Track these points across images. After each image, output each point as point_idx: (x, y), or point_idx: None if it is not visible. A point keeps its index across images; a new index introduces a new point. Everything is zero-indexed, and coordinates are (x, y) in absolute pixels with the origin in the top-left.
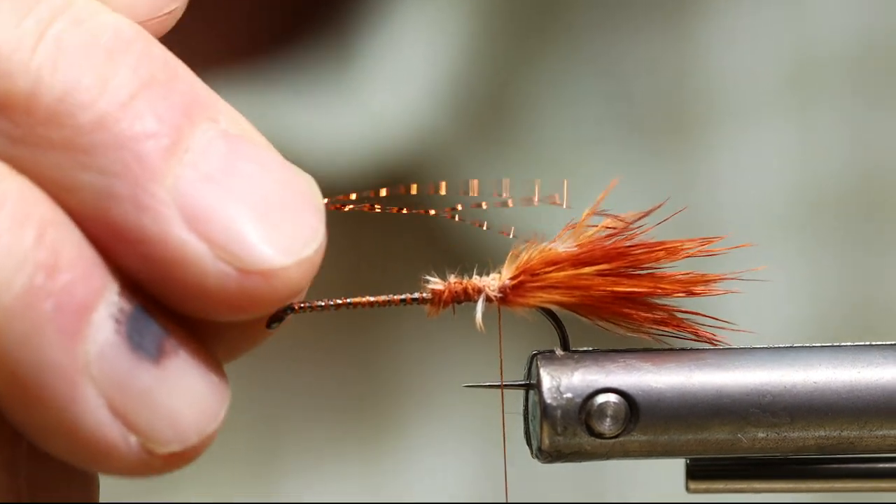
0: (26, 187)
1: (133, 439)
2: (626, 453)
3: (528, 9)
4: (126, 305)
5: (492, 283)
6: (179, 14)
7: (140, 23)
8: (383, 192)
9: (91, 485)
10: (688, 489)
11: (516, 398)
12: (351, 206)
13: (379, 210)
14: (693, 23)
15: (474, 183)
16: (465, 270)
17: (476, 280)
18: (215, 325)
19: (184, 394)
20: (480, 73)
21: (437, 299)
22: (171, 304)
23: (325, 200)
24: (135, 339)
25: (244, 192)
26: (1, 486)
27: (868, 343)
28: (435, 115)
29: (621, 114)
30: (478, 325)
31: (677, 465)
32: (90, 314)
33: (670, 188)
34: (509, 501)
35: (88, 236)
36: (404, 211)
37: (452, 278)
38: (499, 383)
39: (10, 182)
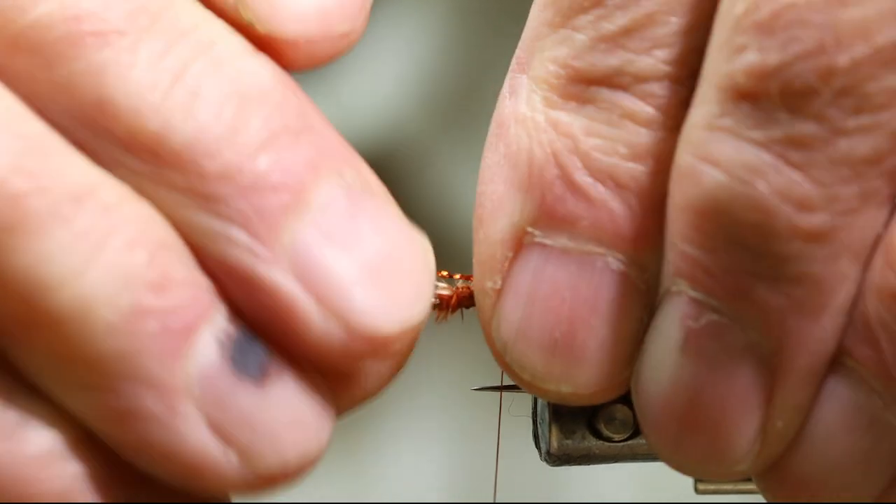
0: (145, 211)
1: (233, 455)
2: (634, 456)
3: (502, 3)
4: (232, 329)
5: None
6: (356, 39)
7: (311, 42)
8: None
9: None
10: (696, 490)
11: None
12: None
13: None
14: None
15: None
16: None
17: None
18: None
19: (285, 415)
20: (453, 66)
21: (444, 304)
22: (273, 343)
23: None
24: (238, 362)
25: (359, 252)
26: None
27: None
28: (407, 108)
29: None
30: None
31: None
32: (193, 335)
33: None
34: (497, 502)
35: (201, 263)
36: None
37: (461, 282)
38: (503, 385)
39: (130, 206)
